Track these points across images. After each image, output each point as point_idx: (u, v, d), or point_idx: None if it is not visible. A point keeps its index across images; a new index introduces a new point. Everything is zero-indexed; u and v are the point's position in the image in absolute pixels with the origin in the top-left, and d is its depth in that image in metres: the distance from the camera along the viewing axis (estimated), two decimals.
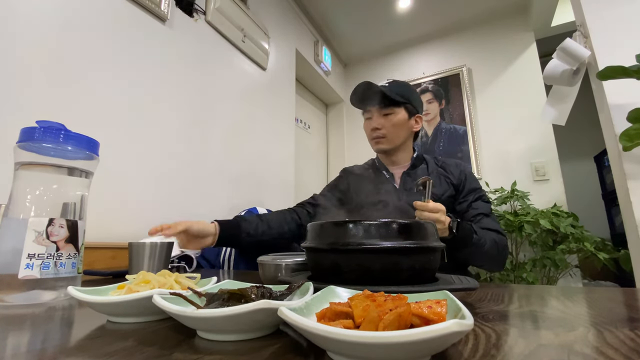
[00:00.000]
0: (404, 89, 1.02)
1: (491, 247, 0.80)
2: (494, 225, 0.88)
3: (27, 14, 0.88)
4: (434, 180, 0.93)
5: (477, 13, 2.44)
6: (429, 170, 1.01)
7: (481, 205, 0.93)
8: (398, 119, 0.99)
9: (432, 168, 1.02)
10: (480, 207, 0.92)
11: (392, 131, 1.00)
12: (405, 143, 1.04)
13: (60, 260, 0.43)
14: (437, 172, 1.01)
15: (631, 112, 1.01)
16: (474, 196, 0.95)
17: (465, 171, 1.01)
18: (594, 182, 2.81)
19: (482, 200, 0.95)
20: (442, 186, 0.97)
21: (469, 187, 0.96)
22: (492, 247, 0.81)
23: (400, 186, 1.00)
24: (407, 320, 0.21)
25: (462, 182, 0.98)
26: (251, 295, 0.27)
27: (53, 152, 0.44)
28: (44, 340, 0.27)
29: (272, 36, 1.96)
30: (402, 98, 0.98)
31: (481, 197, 0.96)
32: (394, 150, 1.03)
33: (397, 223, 0.40)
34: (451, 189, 0.97)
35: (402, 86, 1.02)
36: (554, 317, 0.32)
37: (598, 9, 1.28)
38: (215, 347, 0.24)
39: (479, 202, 0.94)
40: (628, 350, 0.22)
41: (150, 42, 1.22)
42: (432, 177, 0.96)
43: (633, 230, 1.12)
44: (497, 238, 0.84)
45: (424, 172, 1.01)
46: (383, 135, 1.00)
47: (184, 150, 1.32)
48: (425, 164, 1.04)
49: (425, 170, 1.01)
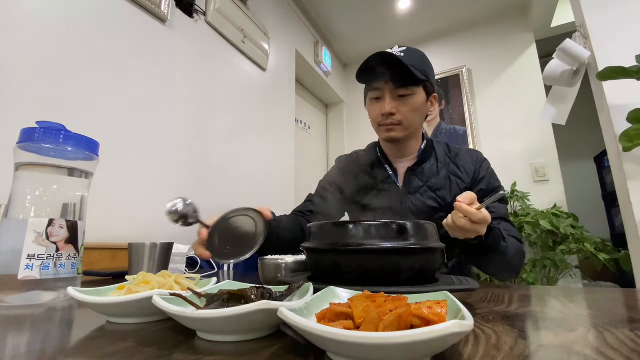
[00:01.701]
0: (422, 61, 0.81)
1: (514, 255, 0.68)
2: (513, 232, 0.74)
3: (28, 15, 0.89)
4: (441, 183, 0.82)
5: (477, 14, 2.45)
6: (439, 167, 0.85)
7: (500, 208, 0.78)
8: (417, 102, 0.80)
9: (443, 163, 0.86)
10: (499, 210, 0.78)
11: (410, 117, 0.80)
12: (418, 131, 0.87)
13: (60, 261, 0.43)
14: (447, 170, 0.85)
15: (631, 113, 1.01)
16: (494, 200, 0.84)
17: (482, 166, 0.85)
18: (594, 182, 2.81)
19: (500, 202, 0.80)
20: (453, 190, 0.82)
21: (487, 186, 0.81)
22: (515, 256, 0.68)
23: (403, 187, 0.85)
24: (407, 321, 0.21)
25: (476, 180, 0.83)
26: (251, 296, 0.27)
27: (53, 152, 0.44)
28: (43, 341, 0.26)
29: (272, 37, 1.97)
30: (422, 74, 0.77)
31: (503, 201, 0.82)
32: (404, 139, 0.85)
33: (397, 224, 0.40)
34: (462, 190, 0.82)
35: (419, 57, 0.81)
36: (554, 318, 0.32)
37: (598, 10, 1.28)
38: (215, 347, 0.24)
39: (498, 204, 0.79)
40: (628, 351, 0.22)
41: (151, 43, 1.22)
42: (441, 178, 0.83)
43: (633, 230, 1.12)
44: (518, 246, 0.71)
45: (432, 170, 0.85)
46: (398, 122, 0.80)
47: (184, 150, 1.32)
48: (434, 156, 0.87)
49: (434, 167, 0.85)
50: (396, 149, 0.89)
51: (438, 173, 0.84)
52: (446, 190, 0.82)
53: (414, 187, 0.84)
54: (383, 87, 0.80)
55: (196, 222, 0.59)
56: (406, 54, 0.78)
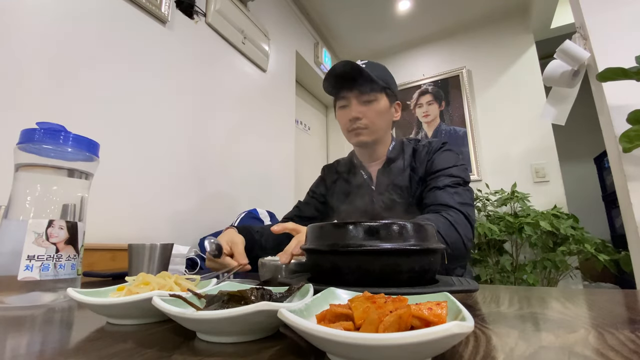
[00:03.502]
0: (383, 71, 0.90)
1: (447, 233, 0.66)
2: (445, 199, 0.73)
3: (28, 16, 0.89)
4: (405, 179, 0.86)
5: (476, 15, 2.45)
6: (404, 165, 0.90)
7: (440, 181, 0.79)
8: (380, 107, 0.87)
9: (407, 162, 0.90)
10: (436, 182, 0.79)
11: (375, 121, 0.87)
12: (385, 135, 0.93)
13: (60, 262, 0.43)
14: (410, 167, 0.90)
15: (631, 114, 1.01)
16: (435, 176, 0.82)
17: (435, 154, 0.87)
18: (594, 183, 2.81)
19: (444, 175, 0.80)
20: (412, 185, 0.86)
21: (432, 169, 0.84)
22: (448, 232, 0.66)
23: (376, 187, 0.91)
24: (407, 322, 0.21)
25: (428, 169, 0.85)
26: (251, 297, 0.27)
27: (53, 153, 0.44)
28: (43, 342, 0.26)
29: (272, 38, 1.97)
30: (383, 82, 0.86)
31: (445, 173, 0.81)
32: (373, 144, 0.91)
33: (398, 224, 0.40)
34: (420, 185, 0.85)
35: (380, 68, 0.89)
36: (555, 319, 0.32)
37: (597, 11, 1.28)
38: (215, 349, 0.24)
39: (439, 179, 0.80)
40: (629, 352, 0.22)
41: (151, 44, 1.22)
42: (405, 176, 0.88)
43: (633, 231, 1.12)
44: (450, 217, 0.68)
45: (398, 169, 0.89)
46: (365, 126, 0.87)
47: (184, 151, 1.32)
48: (402, 156, 0.92)
49: (401, 165, 0.90)
50: (367, 153, 0.95)
51: (403, 171, 0.90)
52: (407, 186, 0.87)
53: (383, 187, 0.89)
54: (348, 95, 0.87)
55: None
56: (367, 65, 0.86)
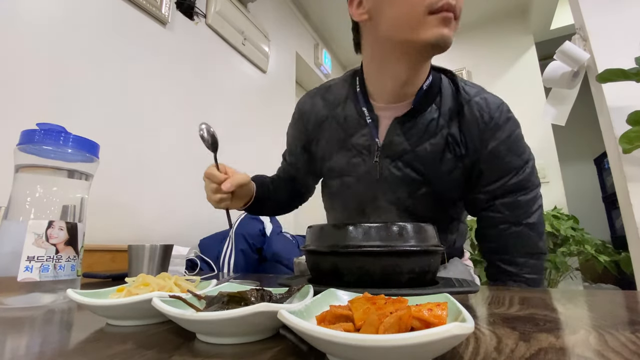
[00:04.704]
0: None
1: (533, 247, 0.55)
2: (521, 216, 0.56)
3: (29, 17, 0.89)
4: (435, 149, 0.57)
5: (476, 16, 2.45)
6: (439, 123, 0.57)
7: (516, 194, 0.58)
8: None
9: (446, 120, 0.58)
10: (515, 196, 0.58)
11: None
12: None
13: (60, 263, 0.43)
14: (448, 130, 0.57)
15: (631, 115, 1.01)
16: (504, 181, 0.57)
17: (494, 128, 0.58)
18: (594, 184, 2.81)
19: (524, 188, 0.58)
20: (447, 165, 0.58)
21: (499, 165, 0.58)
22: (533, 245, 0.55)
23: (383, 147, 0.60)
24: (408, 323, 0.21)
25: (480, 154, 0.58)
26: (251, 298, 0.27)
27: (53, 154, 0.44)
28: (42, 343, 0.26)
29: (273, 39, 1.97)
30: None
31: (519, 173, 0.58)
32: (424, 61, 0.57)
33: (398, 225, 0.40)
34: (460, 167, 0.58)
35: None
36: (555, 320, 0.32)
37: (597, 12, 1.28)
38: (215, 350, 0.24)
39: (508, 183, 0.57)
40: (629, 353, 0.22)
41: (151, 45, 1.23)
42: (435, 145, 0.57)
43: (633, 232, 1.12)
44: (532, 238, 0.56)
45: (429, 127, 0.57)
46: (459, 13, 0.52)
47: (184, 152, 1.32)
48: (439, 100, 0.59)
49: (434, 123, 0.58)
50: (397, 79, 0.57)
51: (435, 133, 0.58)
52: (437, 159, 0.57)
53: (397, 152, 0.59)
54: None
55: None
56: None
